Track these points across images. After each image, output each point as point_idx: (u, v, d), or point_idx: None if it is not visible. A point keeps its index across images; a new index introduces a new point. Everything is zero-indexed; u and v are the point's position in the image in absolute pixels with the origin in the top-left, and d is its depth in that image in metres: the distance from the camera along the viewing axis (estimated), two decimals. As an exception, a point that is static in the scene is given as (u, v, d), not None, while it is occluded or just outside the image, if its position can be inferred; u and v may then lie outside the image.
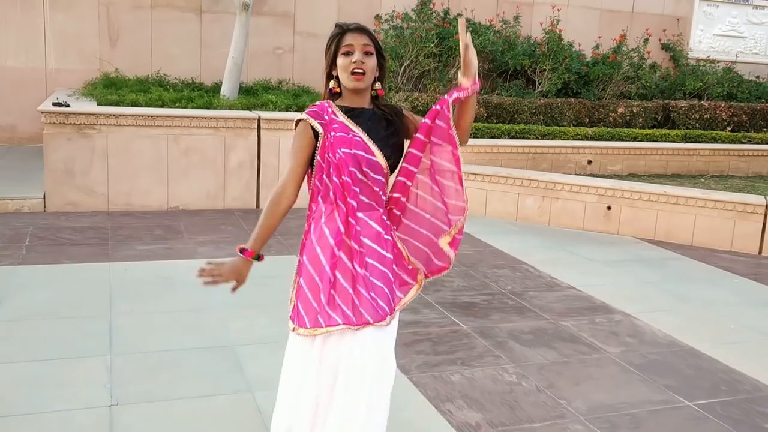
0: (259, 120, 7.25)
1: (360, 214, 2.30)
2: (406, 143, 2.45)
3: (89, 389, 3.33)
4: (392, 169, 2.39)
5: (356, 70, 2.28)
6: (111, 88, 8.04)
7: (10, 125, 9.08)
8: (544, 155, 8.49)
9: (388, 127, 2.38)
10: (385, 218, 2.39)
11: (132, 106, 7.17)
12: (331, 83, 2.37)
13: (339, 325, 2.25)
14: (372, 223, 2.33)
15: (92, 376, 3.46)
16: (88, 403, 3.20)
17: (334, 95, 2.39)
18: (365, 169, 2.28)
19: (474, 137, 8.46)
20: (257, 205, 7.33)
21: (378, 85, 2.38)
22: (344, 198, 2.28)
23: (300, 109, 7.70)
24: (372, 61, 2.32)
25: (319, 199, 2.35)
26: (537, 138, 8.79)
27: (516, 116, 9.18)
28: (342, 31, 2.34)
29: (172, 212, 6.95)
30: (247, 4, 8.24)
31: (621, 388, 3.68)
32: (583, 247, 6.52)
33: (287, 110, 7.78)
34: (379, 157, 2.31)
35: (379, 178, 2.33)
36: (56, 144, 6.65)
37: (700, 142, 9.66)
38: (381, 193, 2.35)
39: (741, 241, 6.69)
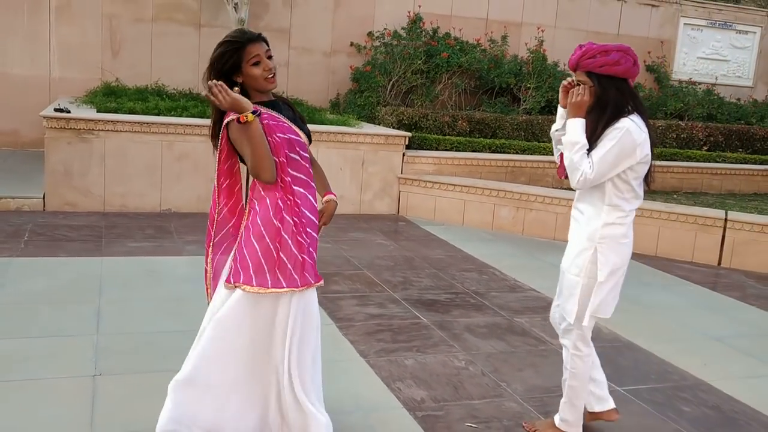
0: (249, 129, 7.64)
1: (297, 188, 2.70)
2: None
3: (75, 362, 3.71)
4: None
5: (269, 76, 2.68)
6: (111, 97, 8.47)
7: (14, 130, 9.50)
8: (522, 169, 8.89)
9: (294, 113, 2.82)
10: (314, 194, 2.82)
11: (129, 113, 7.59)
12: (235, 88, 2.63)
13: (284, 287, 2.64)
14: (309, 196, 2.74)
15: (79, 352, 3.84)
16: (74, 373, 3.58)
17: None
18: (297, 149, 2.70)
19: (456, 150, 8.87)
20: (246, 210, 7.71)
21: None
22: (281, 176, 2.67)
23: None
24: (274, 63, 2.73)
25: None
26: (517, 153, 9.19)
27: (498, 131, 9.58)
28: (242, 43, 2.66)
29: (164, 214, 7.35)
30: (243, 20, 8.69)
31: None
32: (551, 254, 6.89)
33: (277, 121, 8.18)
34: (303, 137, 2.75)
35: (306, 155, 2.76)
36: (57, 147, 7.06)
37: (675, 159, 10.05)
38: (310, 168, 2.78)
39: (701, 253, 7.06)
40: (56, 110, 7.16)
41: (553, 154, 3.25)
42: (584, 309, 3.09)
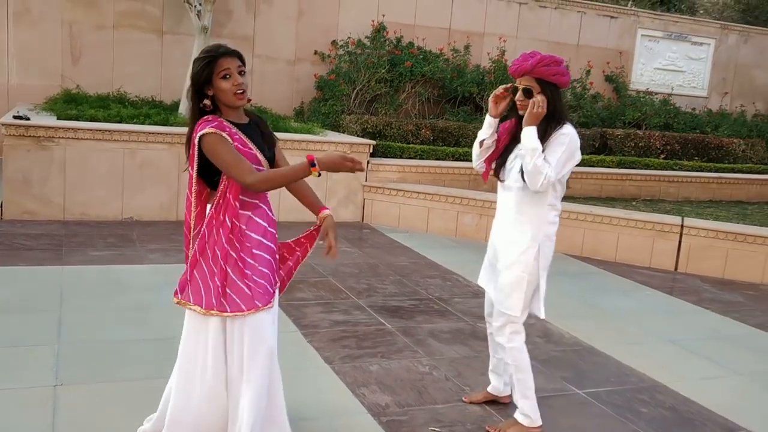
0: (213, 137, 7.61)
1: (243, 212, 2.72)
2: None
3: (36, 372, 3.66)
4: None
5: (238, 92, 2.66)
6: (71, 104, 8.36)
7: (-29, 137, 9.31)
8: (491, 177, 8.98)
9: (263, 136, 2.81)
10: (270, 213, 2.82)
11: (91, 121, 7.50)
12: (205, 101, 2.68)
13: (227, 312, 2.66)
14: (257, 219, 2.75)
15: (40, 361, 3.79)
16: (34, 383, 3.53)
17: (207, 112, 2.71)
18: None
19: (420, 159, 8.95)
20: (209, 218, 7.66)
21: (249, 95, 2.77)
22: (237, 197, 2.69)
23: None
24: (247, 80, 2.71)
25: (214, 200, 2.73)
26: (480, 160, 9.29)
27: (461, 140, 9.69)
28: (214, 56, 2.66)
29: (126, 222, 7.27)
30: (206, 27, 8.65)
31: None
32: (513, 261, 6.99)
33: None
34: (265, 165, 2.74)
35: None
36: (15, 155, 6.94)
37: (633, 167, 10.28)
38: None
39: (659, 258, 7.23)
40: (15, 117, 7.05)
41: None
42: (527, 303, 3.34)
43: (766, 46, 14.10)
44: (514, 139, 3.32)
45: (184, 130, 7.64)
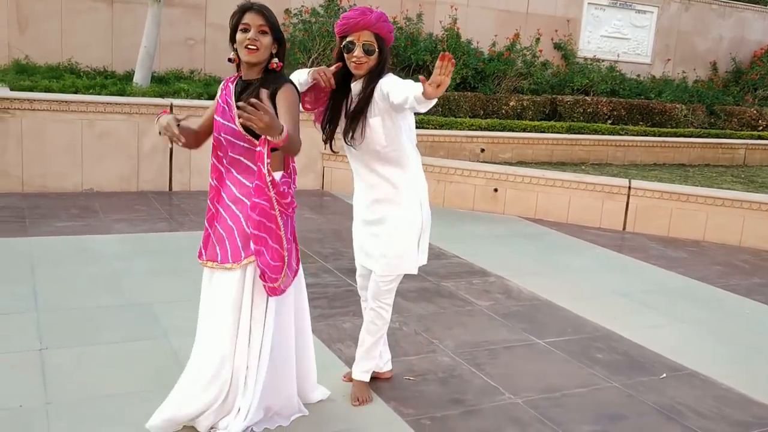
0: (171, 107, 7.62)
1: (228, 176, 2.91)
2: None
3: (19, 338, 3.75)
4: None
5: (249, 46, 2.76)
6: (23, 75, 8.23)
7: None
8: (441, 143, 9.21)
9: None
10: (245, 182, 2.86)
11: (46, 92, 7.41)
12: (231, 55, 2.86)
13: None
14: (231, 185, 2.90)
15: (21, 328, 3.87)
16: (20, 348, 3.62)
17: (235, 64, 2.89)
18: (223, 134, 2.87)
19: (377, 126, 9.08)
20: (170, 188, 7.71)
21: (276, 60, 2.86)
22: (219, 158, 2.88)
23: (211, 98, 8.10)
24: (266, 39, 2.78)
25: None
26: (435, 128, 9.50)
27: (416, 107, 9.85)
28: (242, 9, 2.81)
29: (87, 194, 7.26)
30: (159, -4, 8.56)
31: (485, 331, 4.37)
32: (471, 224, 7.26)
33: (199, 98, 8.18)
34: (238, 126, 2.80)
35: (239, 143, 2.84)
36: (-30, 127, 6.85)
37: (582, 133, 10.63)
38: (243, 158, 2.85)
39: (608, 219, 7.59)
40: (-32, 89, 6.93)
41: (469, 130, 3.36)
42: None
43: (705, 14, 14.58)
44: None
45: (142, 100, 7.74)
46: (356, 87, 3.14)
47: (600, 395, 3.63)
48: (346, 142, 3.20)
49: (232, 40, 2.84)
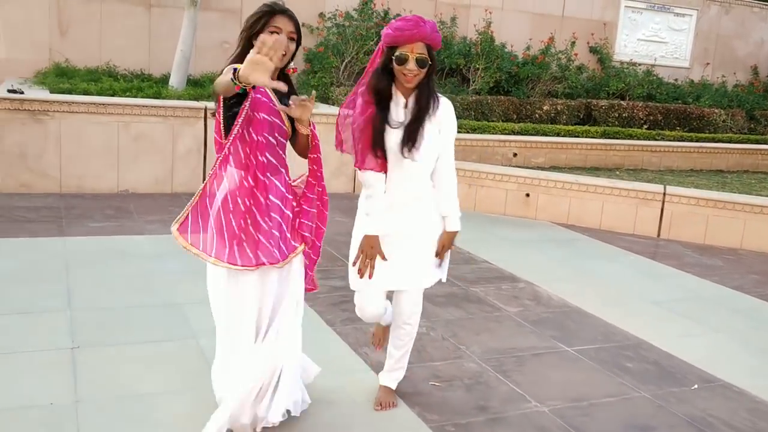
0: (205, 110, 7.72)
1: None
2: None
3: (52, 336, 3.83)
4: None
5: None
6: (62, 78, 8.41)
7: (-39, 112, 9.31)
8: (473, 147, 9.17)
9: (287, 97, 2.83)
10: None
11: (84, 94, 7.56)
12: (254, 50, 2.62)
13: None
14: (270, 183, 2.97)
15: (54, 326, 3.95)
16: (52, 346, 3.70)
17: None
18: (276, 133, 2.91)
19: (409, 130, 9.08)
20: (203, 190, 7.79)
21: (292, 65, 2.85)
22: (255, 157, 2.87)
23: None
24: (292, 47, 2.77)
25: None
26: (467, 132, 9.47)
27: (449, 111, 9.82)
28: (274, 11, 2.73)
29: (122, 195, 7.39)
30: (195, 0, 8.69)
31: (513, 337, 4.34)
32: (502, 229, 7.22)
33: (233, 101, 8.25)
34: (287, 124, 2.90)
35: (283, 141, 2.98)
36: (11, 129, 7.01)
37: (617, 138, 10.49)
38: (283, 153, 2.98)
39: (642, 225, 7.48)
40: (9, 91, 7.10)
41: (502, 134, 3.48)
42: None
43: (746, 17, 14.30)
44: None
45: (177, 103, 7.83)
46: (399, 98, 3.03)
47: (629, 405, 3.57)
48: (403, 155, 3.02)
49: (255, 35, 2.69)
